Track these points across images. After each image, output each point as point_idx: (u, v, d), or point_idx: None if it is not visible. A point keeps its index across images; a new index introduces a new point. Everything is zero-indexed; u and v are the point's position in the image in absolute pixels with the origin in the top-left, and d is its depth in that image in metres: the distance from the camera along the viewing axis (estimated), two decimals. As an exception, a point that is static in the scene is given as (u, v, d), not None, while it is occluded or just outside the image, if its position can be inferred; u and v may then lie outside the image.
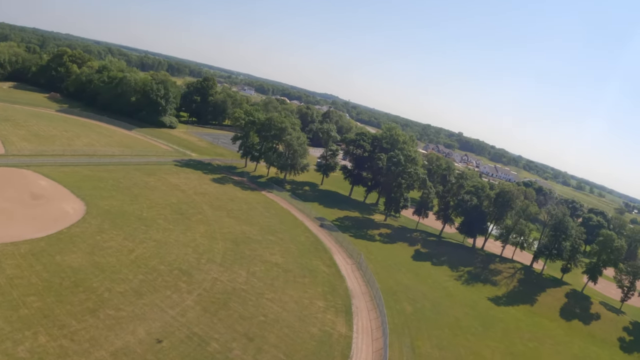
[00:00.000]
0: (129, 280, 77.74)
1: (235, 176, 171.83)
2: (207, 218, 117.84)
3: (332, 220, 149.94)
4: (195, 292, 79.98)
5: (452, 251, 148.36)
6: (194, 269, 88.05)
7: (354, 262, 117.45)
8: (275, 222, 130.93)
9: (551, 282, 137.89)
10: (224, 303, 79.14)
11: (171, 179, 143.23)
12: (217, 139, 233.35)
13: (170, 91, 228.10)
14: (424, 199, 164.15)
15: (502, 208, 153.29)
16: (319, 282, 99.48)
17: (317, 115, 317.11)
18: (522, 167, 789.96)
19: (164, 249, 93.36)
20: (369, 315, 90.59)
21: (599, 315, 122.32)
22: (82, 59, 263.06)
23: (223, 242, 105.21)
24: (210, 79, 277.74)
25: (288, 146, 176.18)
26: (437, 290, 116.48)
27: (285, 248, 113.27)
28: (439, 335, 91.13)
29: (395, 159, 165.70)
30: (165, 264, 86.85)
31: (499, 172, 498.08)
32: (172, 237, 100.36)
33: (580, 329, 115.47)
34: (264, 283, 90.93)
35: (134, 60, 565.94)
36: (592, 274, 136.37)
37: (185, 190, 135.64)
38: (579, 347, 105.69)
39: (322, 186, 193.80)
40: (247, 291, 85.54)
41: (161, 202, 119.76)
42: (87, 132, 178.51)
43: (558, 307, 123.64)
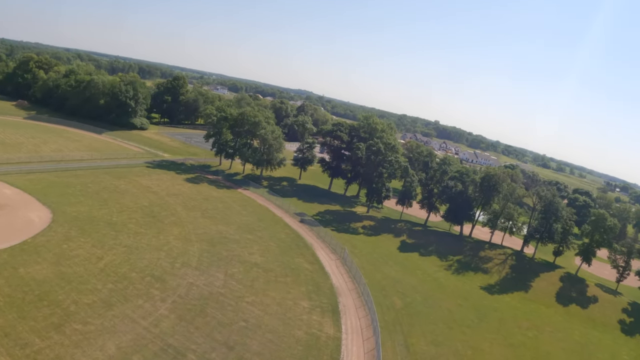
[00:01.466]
0: (98, 290, 73.30)
1: (209, 175, 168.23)
2: (180, 219, 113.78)
3: (313, 215, 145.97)
4: (170, 300, 75.37)
5: (440, 240, 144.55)
6: (167, 275, 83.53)
7: (338, 258, 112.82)
8: (253, 220, 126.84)
9: (544, 266, 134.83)
10: (201, 309, 74.56)
11: (142, 181, 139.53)
12: (190, 138, 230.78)
13: (140, 92, 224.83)
14: (407, 187, 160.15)
15: (489, 192, 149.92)
16: (302, 280, 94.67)
17: (291, 109, 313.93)
18: (500, 152, 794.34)
19: (135, 254, 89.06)
20: (357, 313, 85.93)
21: (596, 298, 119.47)
22: (49, 64, 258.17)
23: (198, 244, 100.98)
24: (181, 78, 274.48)
25: (263, 141, 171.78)
26: (427, 282, 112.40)
27: (265, 246, 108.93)
28: (433, 330, 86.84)
29: (375, 147, 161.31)
30: (137, 271, 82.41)
31: (479, 158, 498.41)
32: (144, 241, 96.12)
33: (578, 313, 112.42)
34: (244, 285, 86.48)
35: (104, 64, 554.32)
36: (586, 256, 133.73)
37: (158, 192, 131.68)
38: (579, 332, 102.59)
39: (301, 181, 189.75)
40: (226, 295, 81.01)
41: (132, 206, 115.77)
42: (55, 137, 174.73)
43: (553, 292, 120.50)
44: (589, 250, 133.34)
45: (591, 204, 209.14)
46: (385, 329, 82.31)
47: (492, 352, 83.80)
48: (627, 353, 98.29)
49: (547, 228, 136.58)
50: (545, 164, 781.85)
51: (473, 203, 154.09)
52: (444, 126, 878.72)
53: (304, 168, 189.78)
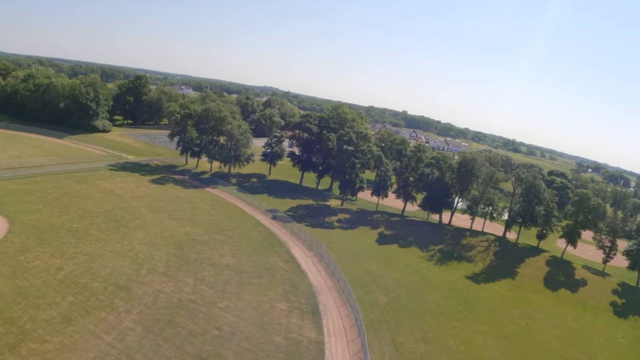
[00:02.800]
0: (57, 304, 67.76)
1: (175, 175, 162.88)
2: (146, 223, 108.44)
3: (285, 211, 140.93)
4: (135, 310, 69.72)
5: (419, 230, 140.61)
6: (132, 283, 77.95)
7: (314, 254, 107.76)
8: (222, 219, 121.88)
9: (528, 251, 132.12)
10: (170, 319, 68.95)
11: (105, 184, 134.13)
12: (155, 138, 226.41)
13: (101, 93, 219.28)
14: (382, 177, 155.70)
15: (467, 178, 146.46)
16: (277, 281, 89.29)
17: (257, 105, 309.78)
18: (470, 138, 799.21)
19: (97, 262, 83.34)
20: (339, 313, 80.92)
21: (585, 281, 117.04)
22: (7, 70, 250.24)
23: (165, 248, 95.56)
24: (143, 78, 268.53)
25: (229, 136, 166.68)
26: (409, 274, 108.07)
27: (236, 247, 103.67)
28: (421, 326, 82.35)
29: (346, 137, 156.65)
30: (99, 280, 76.76)
31: (450, 145, 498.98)
32: (107, 248, 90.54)
33: (568, 298, 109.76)
34: (215, 290, 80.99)
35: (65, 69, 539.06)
36: (571, 237, 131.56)
37: (121, 195, 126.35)
38: (572, 318, 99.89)
39: (271, 176, 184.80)
40: (196, 302, 75.46)
41: (94, 211, 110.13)
42: (15, 144, 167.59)
43: (541, 277, 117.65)
44: (574, 231, 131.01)
45: (568, 185, 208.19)
46: (371, 328, 77.49)
47: (485, 345, 79.79)
48: (622, 336, 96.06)
49: (530, 211, 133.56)
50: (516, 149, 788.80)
51: (451, 190, 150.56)
52: (412, 116, 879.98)
53: (273, 163, 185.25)
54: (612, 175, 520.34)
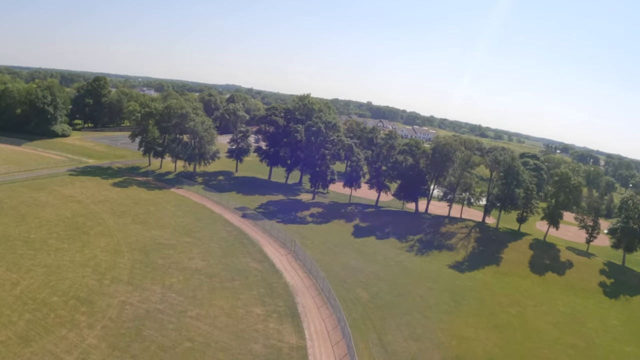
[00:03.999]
0: (13, 323, 62.11)
1: (139, 177, 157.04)
2: (108, 229, 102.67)
3: (255, 208, 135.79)
4: (99, 325, 63.96)
5: (395, 220, 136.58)
6: (95, 295, 72.18)
7: (288, 252, 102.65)
8: (189, 220, 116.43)
9: (510, 235, 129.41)
10: (137, 333, 63.36)
11: (65, 190, 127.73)
12: (116, 140, 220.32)
13: (58, 97, 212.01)
14: (354, 167, 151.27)
15: (442, 163, 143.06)
16: (251, 283, 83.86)
17: (221, 101, 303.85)
18: (437, 125, 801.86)
19: (57, 274, 77.32)
20: (320, 314, 75.97)
21: (571, 263, 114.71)
22: None
23: (130, 254, 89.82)
24: (101, 79, 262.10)
25: (193, 134, 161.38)
26: (390, 267, 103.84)
27: (206, 249, 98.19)
28: (408, 322, 77.90)
29: (315, 128, 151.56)
30: (59, 294, 70.90)
31: (418, 133, 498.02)
32: (67, 258, 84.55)
33: (556, 281, 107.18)
34: (185, 297, 75.36)
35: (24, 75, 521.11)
36: (553, 219, 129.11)
37: (82, 201, 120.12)
38: (562, 302, 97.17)
39: (238, 173, 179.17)
40: (165, 311, 69.82)
41: (53, 219, 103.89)
42: None
43: (526, 261, 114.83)
44: (555, 213, 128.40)
45: (542, 167, 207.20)
46: (355, 327, 72.67)
47: (478, 338, 75.75)
48: (615, 317, 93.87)
49: (509, 194, 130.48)
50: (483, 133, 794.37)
51: (426, 177, 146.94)
52: (377, 106, 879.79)
53: (240, 159, 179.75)
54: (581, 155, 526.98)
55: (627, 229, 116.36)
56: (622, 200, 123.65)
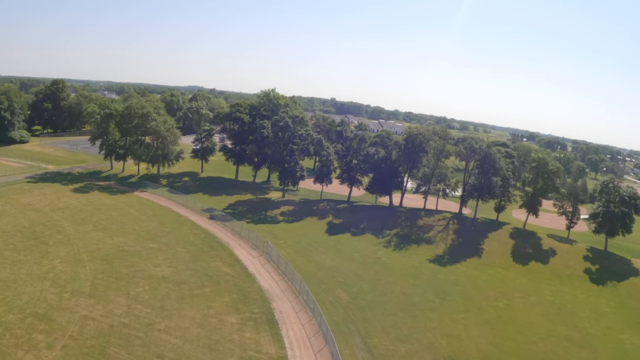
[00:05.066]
0: None
1: (100, 181, 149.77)
2: (68, 237, 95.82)
3: (223, 208, 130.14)
4: (59, 345, 58.01)
5: (370, 215, 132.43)
6: (54, 310, 65.89)
7: (261, 254, 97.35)
8: (154, 224, 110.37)
9: (489, 225, 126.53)
10: (101, 351, 57.55)
11: (22, 198, 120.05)
12: (77, 145, 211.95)
13: (15, 102, 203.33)
14: (324, 162, 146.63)
15: (416, 154, 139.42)
16: (223, 289, 78.35)
17: (183, 101, 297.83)
18: (402, 119, 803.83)
19: (12, 289, 70.85)
20: (299, 319, 70.95)
21: (554, 251, 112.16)
22: None
23: (91, 264, 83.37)
24: (59, 82, 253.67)
25: (155, 134, 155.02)
26: (369, 265, 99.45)
27: (173, 254, 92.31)
28: (394, 322, 73.49)
29: (281, 122, 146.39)
30: (15, 312, 64.54)
31: (384, 127, 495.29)
32: (24, 271, 77.87)
33: (541, 271, 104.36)
34: (152, 308, 69.47)
35: None
36: (532, 206, 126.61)
37: (40, 209, 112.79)
38: (550, 292, 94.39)
39: (204, 173, 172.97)
40: (131, 325, 63.97)
41: (9, 229, 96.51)
42: None
43: (508, 251, 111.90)
44: (535, 200, 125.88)
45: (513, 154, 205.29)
46: (338, 332, 67.89)
47: (469, 335, 71.80)
48: (606, 304, 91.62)
49: (486, 183, 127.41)
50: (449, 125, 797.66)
51: (400, 169, 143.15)
52: (341, 102, 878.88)
53: (205, 159, 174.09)
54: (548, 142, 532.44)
55: (608, 213, 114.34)
56: (603, 183, 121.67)
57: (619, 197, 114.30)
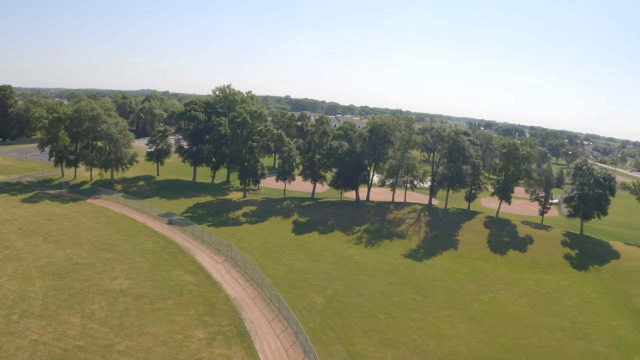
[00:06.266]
0: None
1: (51, 190, 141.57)
2: (16, 251, 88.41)
3: (182, 212, 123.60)
4: None
5: (337, 211, 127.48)
6: (2, 335, 59.16)
7: (225, 259, 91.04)
8: (109, 233, 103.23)
9: (461, 215, 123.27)
10: (53, 381, 50.23)
11: None
12: (25, 153, 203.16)
13: None
14: (285, 158, 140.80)
15: (381, 146, 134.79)
16: (187, 300, 71.76)
17: (136, 104, 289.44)
18: (358, 113, 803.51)
19: None
20: (273, 330, 65.02)
21: (530, 238, 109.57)
22: None
23: (42, 280, 76.01)
24: (7, 88, 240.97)
25: (107, 137, 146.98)
26: (341, 264, 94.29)
27: (130, 265, 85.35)
28: (375, 325, 68.32)
29: (239, 119, 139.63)
30: None
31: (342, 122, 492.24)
32: None
33: (520, 259, 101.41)
34: (110, 327, 62.53)
35: None
36: (504, 193, 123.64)
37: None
38: (533, 281, 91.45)
39: (160, 177, 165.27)
40: (87, 348, 57.19)
41: None
42: None
43: (484, 241, 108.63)
44: (507, 187, 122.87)
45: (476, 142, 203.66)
46: (316, 340, 62.22)
47: (458, 334, 67.24)
48: (591, 290, 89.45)
49: (457, 172, 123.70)
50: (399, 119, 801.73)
51: (365, 162, 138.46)
52: (296, 99, 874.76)
53: (160, 162, 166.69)
54: (506, 130, 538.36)
55: (583, 196, 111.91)
56: (576, 166, 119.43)
57: (593, 179, 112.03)
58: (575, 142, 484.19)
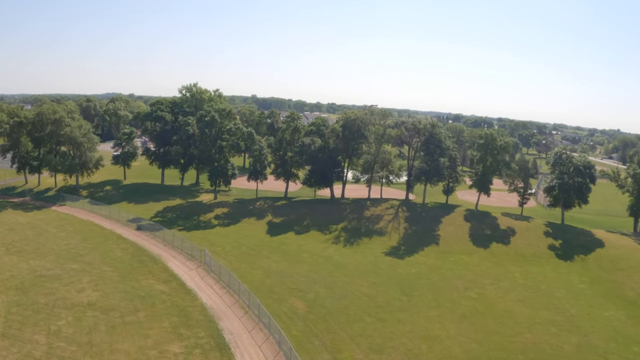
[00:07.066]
0: None
1: (14, 198, 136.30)
2: None
3: (151, 217, 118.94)
4: None
5: (312, 210, 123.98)
6: None
7: (198, 265, 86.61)
8: (75, 242, 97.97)
9: (440, 209, 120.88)
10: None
11: None
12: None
13: None
14: (257, 157, 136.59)
15: (355, 141, 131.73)
16: (161, 312, 67.14)
17: (100, 106, 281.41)
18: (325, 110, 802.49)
19: None
20: (254, 340, 60.97)
21: (513, 230, 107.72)
22: None
23: (4, 295, 71.00)
24: None
25: (70, 141, 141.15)
26: (320, 265, 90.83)
27: (98, 275, 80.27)
28: (362, 330, 64.75)
29: (208, 117, 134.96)
30: None
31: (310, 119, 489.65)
32: None
33: (504, 252, 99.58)
34: (78, 344, 57.69)
35: None
36: (483, 185, 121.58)
37: None
38: (519, 274, 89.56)
39: (127, 180, 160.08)
40: (53, 370, 51.84)
41: None
42: None
43: (466, 235, 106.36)
44: (485, 178, 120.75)
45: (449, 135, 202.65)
46: (301, 349, 58.34)
47: (449, 335, 64.14)
48: (579, 280, 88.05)
49: (434, 165, 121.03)
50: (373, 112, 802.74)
51: (339, 158, 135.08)
52: (262, 98, 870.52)
53: (127, 165, 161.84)
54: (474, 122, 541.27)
55: (564, 185, 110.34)
56: (555, 155, 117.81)
57: (573, 168, 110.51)
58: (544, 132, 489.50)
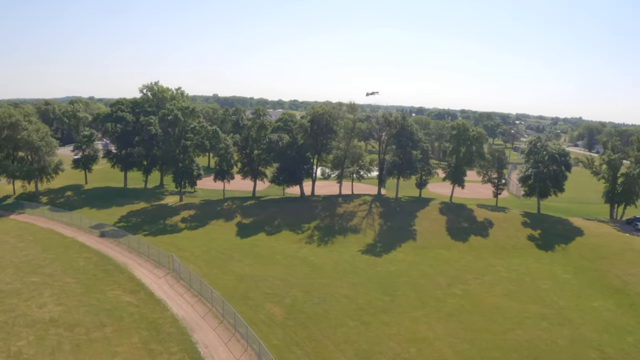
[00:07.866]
0: None
1: None
2: None
3: (115, 222, 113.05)
4: None
5: (282, 209, 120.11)
6: None
7: (167, 272, 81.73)
8: (35, 252, 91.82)
9: (415, 203, 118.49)
10: None
11: None
12: None
13: None
14: (223, 156, 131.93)
15: (324, 136, 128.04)
16: (129, 325, 62.16)
17: (59, 109, 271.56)
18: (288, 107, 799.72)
19: None
20: (231, 353, 56.76)
21: (490, 222, 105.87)
22: None
23: None
24: None
25: (28, 145, 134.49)
26: (295, 267, 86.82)
27: (60, 287, 74.68)
28: (346, 335, 61.09)
29: (170, 116, 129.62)
30: None
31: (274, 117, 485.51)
32: None
33: (483, 245, 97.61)
34: (39, 366, 52.07)
35: None
36: (457, 177, 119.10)
37: None
38: (502, 267, 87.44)
39: (88, 185, 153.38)
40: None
41: None
42: None
43: (443, 229, 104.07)
44: (459, 170, 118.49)
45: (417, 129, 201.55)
46: (282, 360, 54.62)
47: (438, 336, 60.97)
48: (563, 270, 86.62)
49: (406, 158, 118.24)
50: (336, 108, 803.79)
51: (308, 154, 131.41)
52: (224, 97, 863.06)
53: (88, 169, 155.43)
54: (438, 114, 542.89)
55: (540, 174, 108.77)
56: (530, 143, 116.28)
57: (548, 156, 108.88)
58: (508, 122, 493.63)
